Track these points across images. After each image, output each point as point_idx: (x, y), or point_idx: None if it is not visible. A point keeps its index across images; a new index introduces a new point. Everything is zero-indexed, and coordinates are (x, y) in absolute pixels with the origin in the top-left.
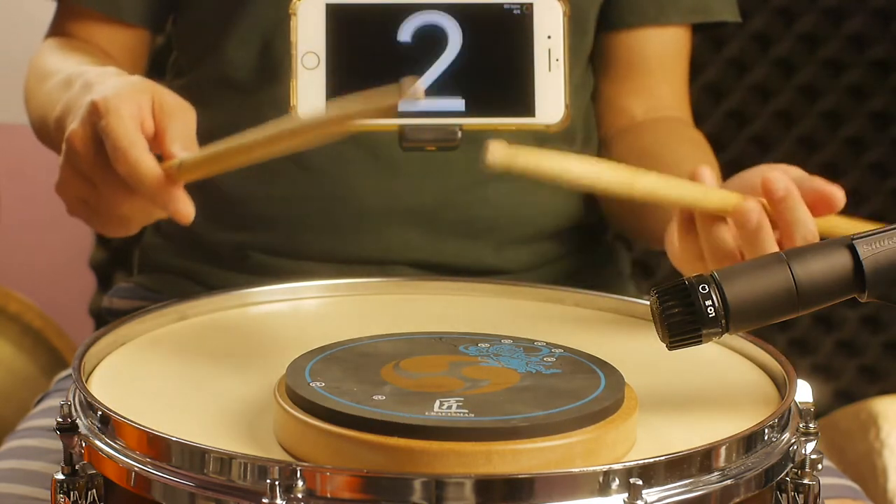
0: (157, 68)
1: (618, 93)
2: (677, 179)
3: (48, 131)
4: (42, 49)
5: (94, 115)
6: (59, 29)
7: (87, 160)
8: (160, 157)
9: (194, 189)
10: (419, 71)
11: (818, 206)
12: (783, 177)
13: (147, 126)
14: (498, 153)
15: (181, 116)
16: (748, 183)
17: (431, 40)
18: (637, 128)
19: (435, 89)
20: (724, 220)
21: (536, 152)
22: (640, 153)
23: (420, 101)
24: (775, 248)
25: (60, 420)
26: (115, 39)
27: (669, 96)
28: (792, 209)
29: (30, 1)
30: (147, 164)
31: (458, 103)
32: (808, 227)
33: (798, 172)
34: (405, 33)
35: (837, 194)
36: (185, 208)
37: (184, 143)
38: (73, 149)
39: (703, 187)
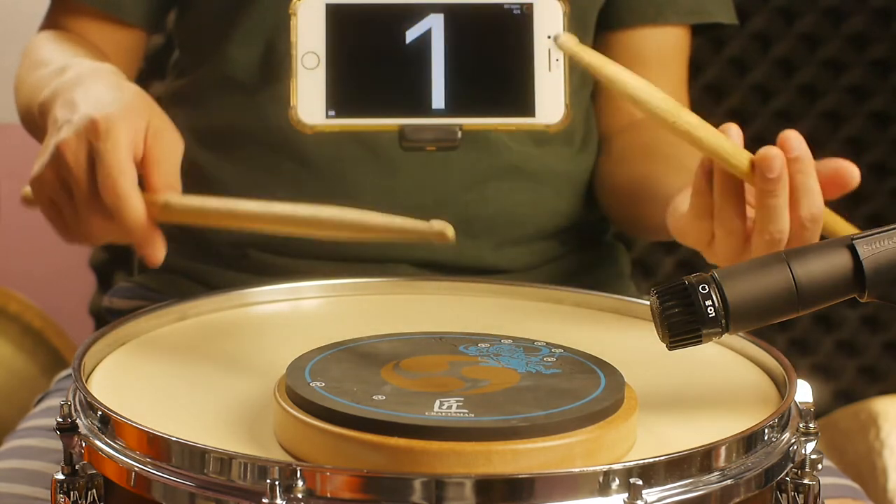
0: (157, 68)
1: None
2: (713, 129)
3: (34, 118)
4: (35, 40)
5: (92, 133)
6: (54, 23)
7: (75, 175)
8: (140, 179)
9: (195, 189)
10: (419, 71)
11: (832, 186)
12: (801, 140)
13: (137, 151)
14: (569, 42)
15: (170, 147)
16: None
17: (431, 40)
18: (637, 125)
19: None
20: (741, 184)
21: (602, 56)
22: (643, 147)
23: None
24: (786, 212)
25: (60, 420)
26: (111, 38)
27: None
28: (804, 173)
29: (28, 1)
30: (134, 201)
31: (457, 103)
32: (815, 198)
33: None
34: (405, 33)
35: (852, 170)
36: (158, 253)
37: (167, 177)
38: (63, 158)
39: (734, 142)
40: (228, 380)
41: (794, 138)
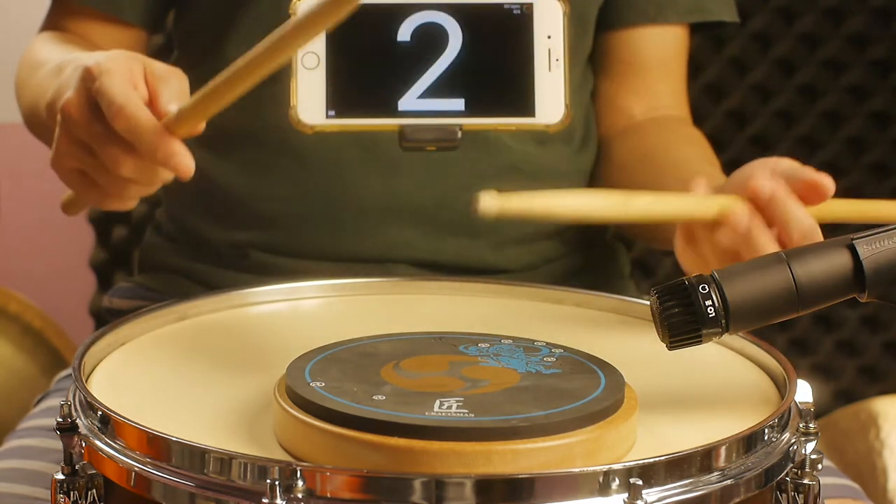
0: None
1: (617, 92)
2: (669, 194)
3: (40, 119)
4: (35, 42)
5: (88, 79)
6: (54, 24)
7: (84, 125)
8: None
9: (194, 188)
10: (420, 71)
11: (809, 197)
12: (766, 180)
13: (140, 90)
14: (489, 202)
15: (173, 80)
16: (744, 179)
17: (431, 40)
18: (637, 128)
19: (435, 89)
20: (721, 224)
21: (527, 195)
22: (642, 155)
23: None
24: (772, 248)
25: (60, 420)
26: (112, 38)
27: (668, 95)
28: (782, 208)
29: (28, 1)
30: (144, 116)
31: (458, 103)
32: (804, 221)
33: (787, 164)
34: (405, 33)
35: (825, 182)
36: (186, 161)
37: (179, 103)
38: (69, 117)
39: (695, 197)
40: (228, 380)
41: (760, 184)
